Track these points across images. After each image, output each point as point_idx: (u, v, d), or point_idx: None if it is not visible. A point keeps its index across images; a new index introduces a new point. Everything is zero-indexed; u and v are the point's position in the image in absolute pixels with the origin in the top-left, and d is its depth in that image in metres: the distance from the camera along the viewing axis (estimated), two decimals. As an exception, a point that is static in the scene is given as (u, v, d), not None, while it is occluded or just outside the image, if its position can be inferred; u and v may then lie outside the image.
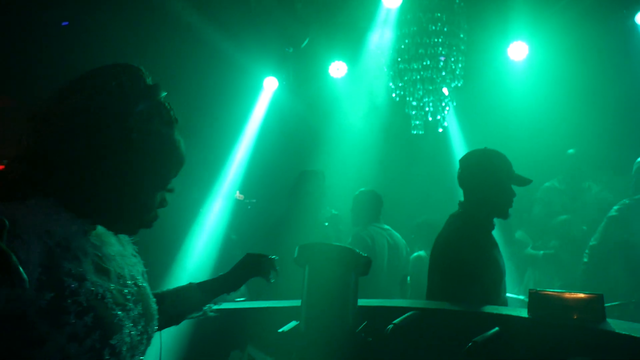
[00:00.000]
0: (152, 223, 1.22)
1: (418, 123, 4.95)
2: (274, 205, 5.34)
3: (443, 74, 4.70)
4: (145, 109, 1.13)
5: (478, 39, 5.43)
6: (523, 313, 2.09)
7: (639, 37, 5.33)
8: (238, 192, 6.62)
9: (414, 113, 4.91)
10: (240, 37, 6.16)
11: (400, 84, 4.85)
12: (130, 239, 1.34)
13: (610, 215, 3.93)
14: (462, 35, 4.66)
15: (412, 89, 4.80)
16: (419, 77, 4.71)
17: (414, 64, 4.68)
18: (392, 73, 4.93)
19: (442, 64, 4.67)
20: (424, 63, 4.64)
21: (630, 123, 5.30)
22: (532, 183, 2.69)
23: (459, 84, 4.82)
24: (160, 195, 1.21)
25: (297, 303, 1.95)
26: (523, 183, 2.64)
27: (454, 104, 5.05)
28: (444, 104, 4.90)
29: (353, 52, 6.45)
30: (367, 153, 6.33)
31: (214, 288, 1.65)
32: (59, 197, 1.08)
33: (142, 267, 1.33)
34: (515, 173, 2.65)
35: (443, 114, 4.92)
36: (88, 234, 1.14)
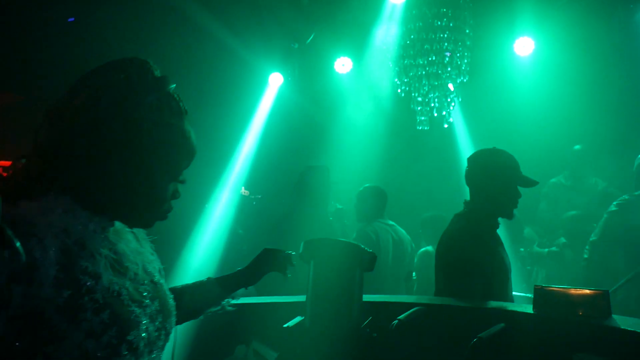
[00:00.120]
0: (166, 214, 1.23)
1: (423, 119, 4.94)
2: (280, 201, 5.34)
3: (449, 70, 4.69)
4: (155, 101, 1.14)
5: (484, 35, 5.41)
6: (528, 309, 2.10)
7: (646, 32, 5.31)
8: (243, 188, 6.63)
9: (420, 109, 4.90)
10: (246, 33, 6.17)
11: (406, 80, 4.85)
12: (148, 237, 1.36)
13: (610, 211, 3.91)
14: (467, 31, 4.64)
15: (417, 85, 4.79)
16: (425, 72, 4.70)
17: (420, 60, 4.68)
18: (397, 69, 4.93)
19: (447, 60, 4.65)
20: (430, 58, 4.63)
21: (637, 118, 5.28)
22: (538, 179, 2.69)
23: (465, 80, 4.81)
24: (173, 187, 1.22)
25: (302, 298, 1.96)
26: (529, 184, 2.65)
27: (460, 100, 5.04)
28: (450, 100, 4.88)
29: (358, 48, 6.45)
30: (372, 149, 6.32)
31: (232, 283, 1.67)
32: (75, 193, 1.10)
33: (159, 264, 1.34)
34: (522, 174, 2.66)
35: (448, 110, 4.91)
36: (105, 232, 1.15)
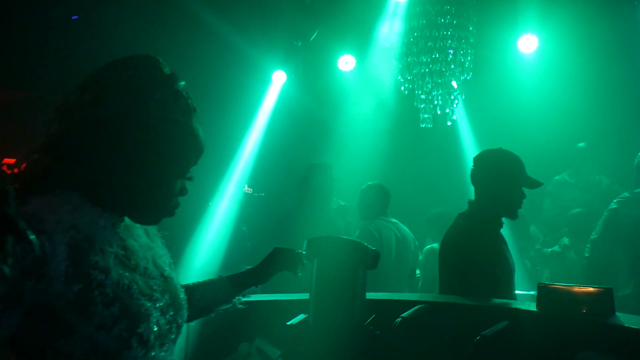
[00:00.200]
0: (173, 211, 1.24)
1: (427, 116, 4.93)
2: (283, 199, 5.35)
3: (452, 67, 4.67)
4: (163, 98, 1.14)
5: (487, 32, 5.39)
6: (532, 307, 2.09)
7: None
8: (247, 186, 6.64)
9: (423, 106, 4.89)
10: (249, 30, 6.16)
11: (409, 77, 4.83)
12: (159, 233, 1.37)
13: (611, 209, 3.90)
14: (471, 28, 4.63)
15: (420, 82, 4.78)
16: (428, 70, 4.69)
17: (423, 57, 4.66)
18: (400, 66, 4.92)
19: (451, 57, 4.64)
20: (433, 56, 4.62)
21: (641, 116, 5.27)
22: (542, 177, 2.70)
23: (468, 77, 4.79)
24: (181, 183, 1.23)
25: (305, 296, 1.96)
26: (534, 186, 2.67)
27: (463, 97, 5.03)
28: (453, 97, 4.87)
29: (362, 45, 6.43)
30: (375, 146, 6.31)
31: (243, 281, 1.67)
32: (84, 189, 1.11)
33: (169, 258, 1.35)
34: (528, 175, 2.67)
35: (452, 107, 4.90)
36: (115, 227, 1.17)
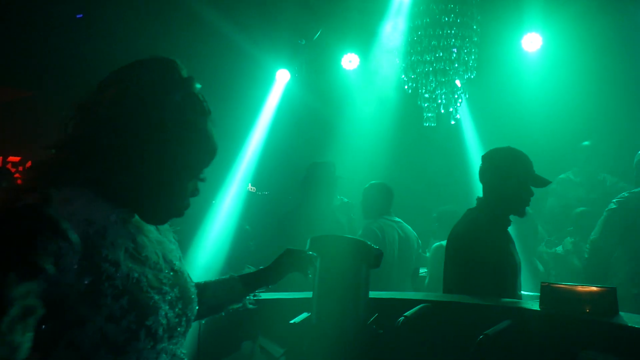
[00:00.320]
0: (184, 211, 1.25)
1: (430, 115, 4.92)
2: (286, 197, 5.35)
3: (456, 66, 4.67)
4: (180, 100, 1.17)
5: (491, 31, 5.38)
6: (535, 306, 2.09)
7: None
8: (250, 184, 6.64)
9: (427, 105, 4.88)
10: (253, 29, 6.16)
11: (413, 76, 4.83)
12: (170, 228, 1.39)
13: (610, 209, 3.88)
14: (475, 27, 4.62)
15: (424, 81, 4.77)
16: (432, 69, 4.68)
17: (427, 56, 4.66)
18: (404, 65, 4.91)
19: (455, 56, 4.63)
20: (437, 55, 4.62)
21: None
22: (546, 175, 2.70)
23: (472, 76, 4.78)
24: (193, 184, 1.25)
25: (308, 295, 1.96)
26: (542, 184, 2.68)
27: (467, 96, 5.02)
28: (457, 96, 4.86)
29: (365, 44, 6.43)
30: (379, 145, 6.31)
31: (254, 281, 1.69)
32: (99, 185, 1.13)
33: (179, 252, 1.37)
34: (536, 173, 2.68)
35: (455, 106, 4.89)
36: (126, 222, 1.18)
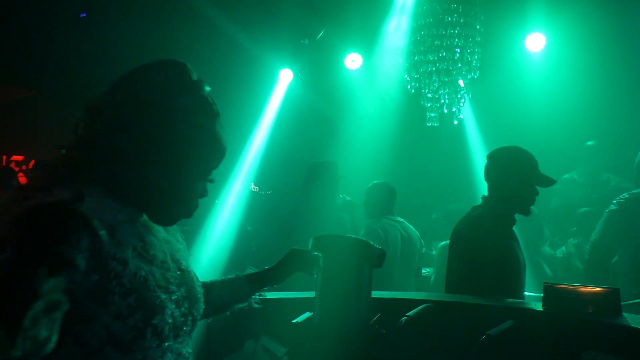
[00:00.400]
0: (192, 212, 1.27)
1: (433, 115, 4.91)
2: (289, 197, 5.35)
3: (459, 66, 4.66)
4: (190, 102, 1.18)
5: (495, 30, 5.38)
6: (538, 306, 2.09)
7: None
8: (253, 184, 6.64)
9: (430, 105, 4.87)
10: (256, 28, 6.17)
11: (416, 76, 4.82)
12: (178, 228, 1.40)
13: (610, 210, 3.86)
14: (478, 27, 4.61)
15: (427, 81, 4.76)
16: (435, 68, 4.68)
17: (430, 56, 4.65)
18: (407, 65, 4.90)
19: (458, 56, 4.63)
20: (440, 54, 4.61)
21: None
22: (551, 175, 2.70)
23: (475, 76, 4.77)
24: (202, 185, 1.26)
25: (310, 294, 1.96)
26: (548, 184, 2.67)
27: (470, 96, 5.01)
28: (460, 96, 4.86)
29: (368, 44, 6.43)
30: (381, 145, 6.31)
31: (260, 280, 1.69)
32: (109, 185, 1.15)
33: (186, 252, 1.38)
34: (541, 173, 2.68)
35: (459, 106, 4.88)
36: (135, 222, 1.20)
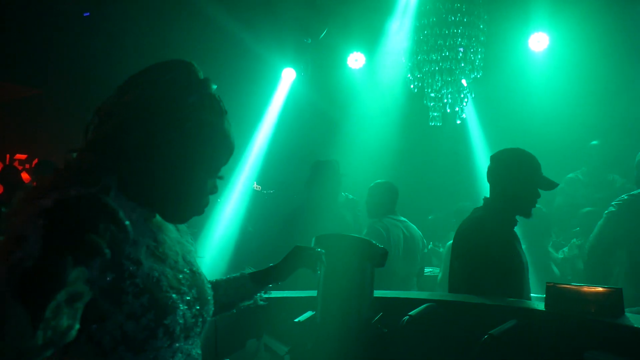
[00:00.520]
0: (203, 209, 1.28)
1: (436, 114, 4.90)
2: (292, 196, 5.35)
3: (462, 65, 4.65)
4: (198, 101, 1.20)
5: (498, 30, 5.36)
6: (540, 306, 2.09)
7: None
8: (255, 183, 6.65)
9: (432, 104, 4.87)
10: (259, 27, 6.17)
11: (419, 75, 4.81)
12: (188, 230, 1.42)
13: (609, 212, 3.85)
14: (481, 26, 4.60)
15: (430, 80, 4.76)
16: (438, 68, 4.67)
17: (433, 55, 4.64)
18: (410, 64, 4.90)
19: (461, 55, 4.62)
20: (443, 54, 4.60)
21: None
22: (552, 175, 2.70)
23: (478, 76, 4.77)
24: (212, 182, 1.28)
25: (313, 293, 1.97)
26: (549, 187, 2.68)
27: (473, 96, 5.00)
28: (463, 96, 4.85)
29: (371, 43, 6.43)
30: (384, 144, 6.31)
31: (265, 278, 1.70)
32: (122, 185, 1.17)
33: (197, 254, 1.40)
34: (543, 176, 2.69)
35: (462, 106, 4.88)
36: (148, 222, 1.22)
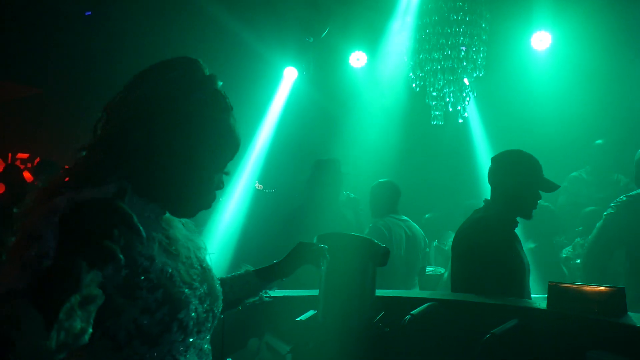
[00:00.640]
0: (211, 204, 1.29)
1: (438, 113, 4.90)
2: (294, 195, 5.34)
3: (464, 64, 4.64)
4: (204, 97, 1.22)
5: (500, 29, 5.35)
6: (542, 305, 2.09)
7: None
8: (257, 182, 6.64)
9: (434, 103, 4.86)
10: (261, 26, 6.17)
11: (421, 74, 4.81)
12: (196, 229, 1.43)
13: (608, 213, 3.85)
14: (484, 25, 4.59)
15: (432, 79, 4.75)
16: (440, 67, 4.66)
17: (435, 54, 4.64)
18: (412, 63, 4.89)
19: (463, 54, 4.61)
20: (445, 53, 4.60)
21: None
22: (554, 175, 2.70)
23: (481, 74, 4.76)
24: (218, 177, 1.29)
25: (315, 292, 1.96)
26: (550, 189, 2.68)
27: (475, 95, 5.00)
28: (465, 95, 4.84)
29: (373, 42, 6.42)
30: (386, 143, 6.30)
31: (269, 275, 1.71)
32: (132, 181, 1.18)
33: (206, 251, 1.41)
34: (545, 177, 2.69)
35: (463, 105, 4.87)
36: (159, 218, 1.25)
